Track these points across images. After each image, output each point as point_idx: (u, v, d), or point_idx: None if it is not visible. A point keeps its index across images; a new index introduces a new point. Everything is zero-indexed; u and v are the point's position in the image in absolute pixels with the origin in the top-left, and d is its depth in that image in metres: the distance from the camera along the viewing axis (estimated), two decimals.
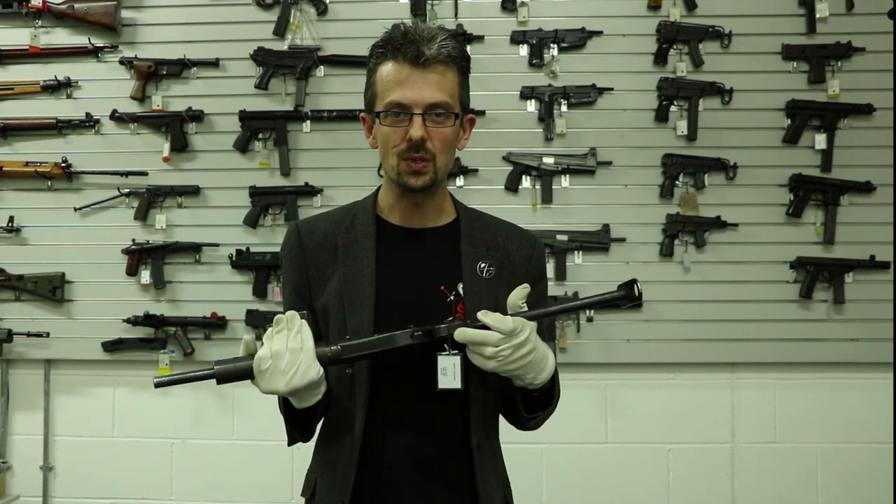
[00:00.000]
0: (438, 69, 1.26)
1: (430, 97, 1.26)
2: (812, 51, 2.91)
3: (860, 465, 2.90)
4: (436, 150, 1.28)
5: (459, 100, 1.31)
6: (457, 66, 1.29)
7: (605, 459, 2.92)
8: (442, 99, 1.26)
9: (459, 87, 1.30)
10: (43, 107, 2.99)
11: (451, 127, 1.29)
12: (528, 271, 1.40)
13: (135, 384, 2.99)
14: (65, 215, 2.98)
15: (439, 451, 1.30)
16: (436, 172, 1.30)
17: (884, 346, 2.85)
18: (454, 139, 1.32)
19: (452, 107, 1.28)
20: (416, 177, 1.29)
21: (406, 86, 1.25)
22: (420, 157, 1.27)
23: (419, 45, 1.25)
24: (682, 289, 2.90)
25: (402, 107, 1.26)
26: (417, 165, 1.28)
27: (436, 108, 1.26)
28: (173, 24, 3.00)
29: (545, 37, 2.94)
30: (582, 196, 2.93)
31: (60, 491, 3.00)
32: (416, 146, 1.26)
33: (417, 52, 1.25)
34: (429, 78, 1.26)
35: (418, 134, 1.25)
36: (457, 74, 1.30)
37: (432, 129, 1.27)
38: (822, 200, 2.90)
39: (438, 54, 1.25)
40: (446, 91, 1.27)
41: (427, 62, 1.25)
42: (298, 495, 2.90)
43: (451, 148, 1.32)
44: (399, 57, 1.26)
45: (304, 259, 1.37)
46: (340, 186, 2.94)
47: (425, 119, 1.26)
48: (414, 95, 1.25)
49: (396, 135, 1.27)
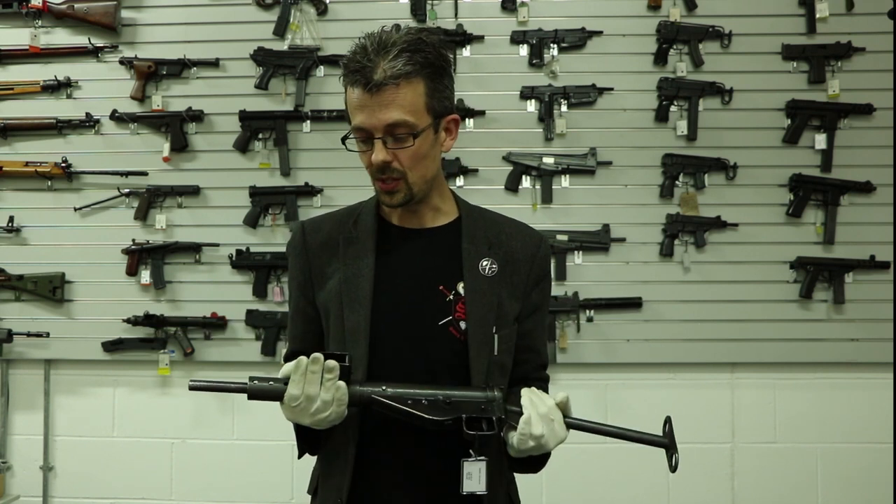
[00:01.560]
0: (390, 90, 1.23)
1: (385, 120, 1.24)
2: (812, 51, 2.91)
3: (860, 465, 2.90)
4: (404, 168, 1.28)
5: (427, 109, 1.27)
6: (420, 76, 1.25)
7: (605, 459, 2.92)
8: (398, 119, 1.24)
9: (426, 96, 1.26)
10: (43, 107, 2.99)
11: (414, 145, 1.26)
12: (531, 269, 1.40)
13: (135, 384, 2.99)
14: (65, 215, 2.98)
15: (442, 446, 1.30)
16: (410, 188, 1.30)
17: (884, 346, 2.85)
18: (426, 150, 1.29)
19: (414, 125, 1.25)
20: (389, 196, 1.31)
21: (364, 111, 1.25)
22: (388, 178, 1.28)
23: (368, 71, 1.22)
24: (682, 289, 2.90)
25: (363, 132, 1.27)
26: (387, 186, 1.29)
27: (394, 128, 1.25)
28: (173, 24, 3.00)
29: (545, 37, 2.94)
30: (582, 196, 2.93)
31: (60, 491, 3.00)
32: (381, 168, 1.27)
33: (366, 79, 1.23)
34: (382, 100, 1.23)
35: (379, 158, 1.26)
36: (421, 83, 1.25)
37: (396, 151, 1.27)
38: (822, 200, 2.90)
39: (389, 76, 1.22)
40: (404, 109, 1.24)
41: (376, 87, 1.22)
42: (298, 495, 2.92)
43: (424, 160, 1.29)
44: (355, 83, 1.25)
45: (307, 258, 1.39)
46: (340, 186, 2.94)
47: (386, 142, 1.26)
48: (371, 121, 1.25)
49: (365, 157, 1.29)
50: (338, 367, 1.20)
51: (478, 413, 1.23)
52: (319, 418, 1.21)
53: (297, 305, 1.41)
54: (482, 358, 1.31)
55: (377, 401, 1.23)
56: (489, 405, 1.24)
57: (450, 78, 1.32)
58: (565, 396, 1.28)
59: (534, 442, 1.22)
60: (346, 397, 1.21)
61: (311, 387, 1.19)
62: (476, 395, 1.25)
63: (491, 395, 1.25)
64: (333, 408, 1.20)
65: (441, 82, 1.29)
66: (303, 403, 1.20)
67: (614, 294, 2.89)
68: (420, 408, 1.23)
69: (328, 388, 1.20)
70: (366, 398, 1.23)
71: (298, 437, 1.34)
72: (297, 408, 1.20)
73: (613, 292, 2.90)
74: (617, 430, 1.31)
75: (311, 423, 1.22)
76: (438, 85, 1.28)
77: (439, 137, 1.32)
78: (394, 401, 1.22)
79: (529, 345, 1.40)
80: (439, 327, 1.32)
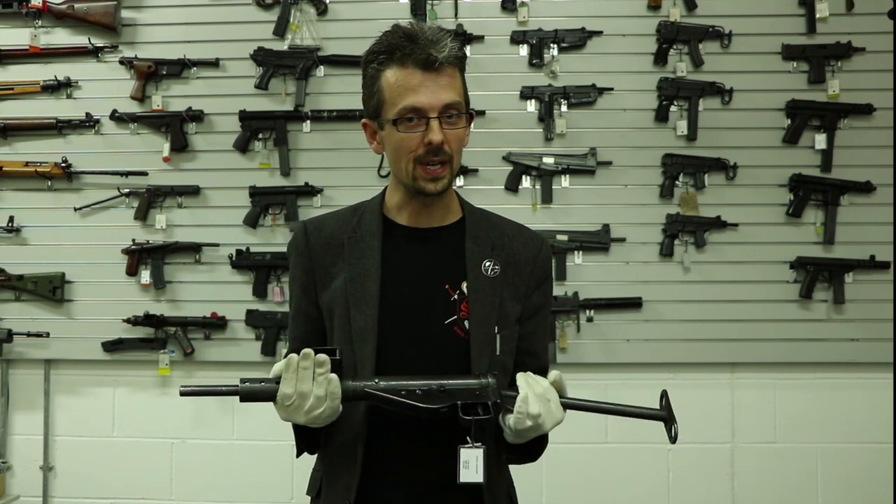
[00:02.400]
0: (448, 71, 1.27)
1: (445, 99, 1.26)
2: (812, 51, 2.91)
3: (860, 465, 2.90)
4: (452, 152, 1.29)
5: (466, 98, 1.32)
6: (460, 66, 1.31)
7: (605, 459, 2.92)
8: (456, 99, 1.28)
9: (463, 85, 1.32)
10: (43, 107, 2.99)
11: (464, 127, 1.31)
12: (533, 272, 1.40)
13: (135, 384, 2.99)
14: (65, 215, 2.98)
15: (442, 447, 1.30)
16: (452, 175, 1.32)
17: (884, 346, 2.85)
18: (464, 137, 1.33)
19: (463, 106, 1.30)
20: (434, 182, 1.30)
21: (420, 91, 1.25)
22: (439, 161, 1.28)
23: (428, 49, 1.25)
24: (682, 289, 2.90)
25: (417, 112, 1.26)
26: (435, 170, 1.29)
27: (449, 109, 1.27)
28: (173, 24, 3.00)
29: (545, 37, 2.94)
30: (582, 196, 2.93)
31: (60, 491, 3.00)
32: (436, 150, 1.27)
33: (428, 57, 1.25)
34: (440, 81, 1.26)
35: (439, 138, 1.26)
36: (460, 74, 1.31)
37: (448, 131, 1.28)
38: (822, 200, 2.90)
39: (448, 57, 1.26)
40: (457, 91, 1.29)
41: (440, 66, 1.25)
42: (298, 495, 2.91)
43: (462, 147, 1.34)
44: (408, 62, 1.25)
45: (310, 257, 1.38)
46: (340, 186, 2.94)
47: (441, 122, 1.27)
48: (429, 100, 1.26)
49: (412, 140, 1.27)
50: (329, 361, 1.19)
51: (473, 399, 1.23)
52: (314, 415, 1.20)
53: (298, 306, 1.40)
54: (484, 357, 1.31)
55: (371, 394, 1.22)
56: (484, 391, 1.24)
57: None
58: (558, 374, 1.28)
59: (531, 421, 1.21)
60: (338, 391, 1.20)
61: (304, 384, 1.19)
62: (470, 382, 1.25)
63: (485, 382, 1.24)
64: (328, 403, 1.20)
65: (464, 77, 1.34)
66: (296, 401, 1.19)
67: (614, 294, 2.89)
68: (414, 397, 1.22)
69: (320, 382, 1.19)
70: (359, 392, 1.22)
71: (297, 435, 1.33)
72: (291, 406, 1.20)
73: (613, 292, 2.90)
74: (614, 407, 1.32)
75: (306, 421, 1.21)
76: (464, 78, 1.34)
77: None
78: (387, 392, 1.22)
79: (528, 347, 1.40)
80: (444, 326, 1.32)
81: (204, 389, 1.25)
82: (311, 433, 1.31)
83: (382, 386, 1.23)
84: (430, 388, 1.23)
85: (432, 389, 1.23)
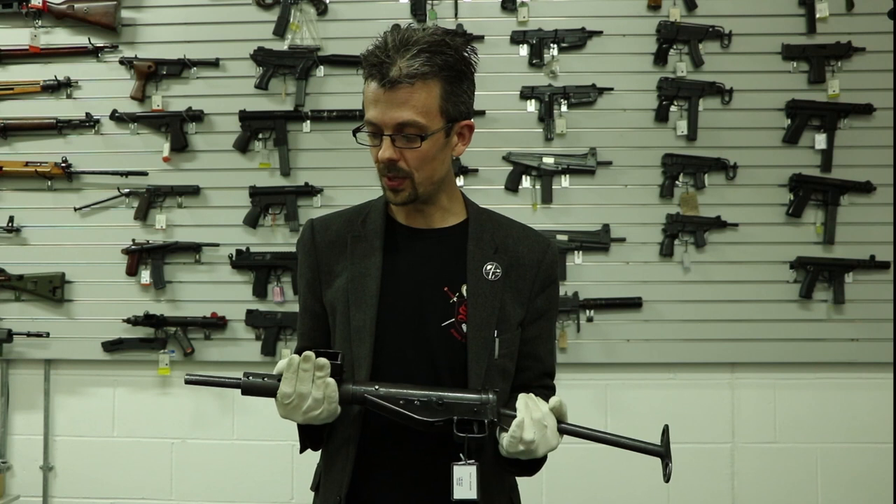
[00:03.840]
0: (404, 89, 1.22)
1: (396, 118, 1.23)
2: (812, 51, 2.91)
3: (860, 465, 2.90)
4: (410, 168, 1.27)
5: (441, 112, 1.26)
6: (437, 78, 1.24)
7: (605, 459, 2.91)
8: (408, 119, 1.23)
9: (441, 99, 1.25)
10: (43, 107, 2.99)
11: (422, 147, 1.25)
12: (537, 275, 1.38)
13: (135, 384, 2.99)
14: (65, 215, 2.98)
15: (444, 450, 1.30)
16: (415, 188, 1.29)
17: (884, 346, 2.85)
18: (435, 153, 1.28)
19: (424, 126, 1.24)
20: (394, 193, 1.30)
21: (377, 106, 1.24)
22: (394, 176, 1.28)
23: (387, 66, 1.22)
24: (682, 289, 2.90)
25: (374, 126, 1.26)
26: (393, 183, 1.29)
27: (404, 128, 1.24)
28: (173, 24, 3.00)
29: (545, 37, 2.94)
30: (582, 196, 2.93)
31: (60, 491, 3.00)
32: (387, 167, 1.27)
33: (383, 74, 1.22)
34: (396, 98, 1.22)
35: (385, 155, 1.25)
36: (438, 86, 1.24)
37: (403, 150, 1.26)
38: (822, 200, 2.90)
39: (404, 74, 1.21)
40: (416, 110, 1.23)
41: (392, 83, 1.22)
42: (298, 495, 2.92)
43: (432, 162, 1.28)
44: (373, 76, 1.24)
45: (316, 256, 1.39)
46: (340, 186, 2.94)
47: (395, 139, 1.25)
48: (381, 117, 1.24)
49: (374, 153, 1.29)
50: (328, 365, 1.20)
51: (470, 415, 1.23)
52: (311, 416, 1.22)
53: (305, 303, 1.42)
54: (481, 361, 1.30)
55: (369, 399, 1.23)
56: (482, 408, 1.23)
57: (470, 83, 1.31)
58: (558, 401, 1.26)
59: (523, 447, 1.21)
60: (335, 395, 1.21)
61: (303, 385, 1.20)
62: (470, 398, 1.24)
63: (485, 398, 1.24)
64: (325, 405, 1.21)
65: (459, 86, 1.28)
66: (295, 401, 1.21)
67: (614, 294, 2.89)
68: (411, 408, 1.22)
69: (319, 385, 1.20)
70: (358, 397, 1.23)
71: (300, 432, 1.34)
72: (290, 405, 1.21)
73: (613, 292, 2.90)
74: (612, 438, 1.30)
75: (304, 420, 1.23)
76: (456, 89, 1.27)
77: (451, 141, 1.31)
78: (385, 400, 1.22)
79: (531, 352, 1.39)
80: (441, 329, 1.32)
81: (208, 379, 1.26)
82: (314, 430, 1.32)
83: (382, 393, 1.23)
84: (428, 400, 1.23)
85: (431, 401, 1.23)
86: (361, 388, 1.24)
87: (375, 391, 1.23)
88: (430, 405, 1.23)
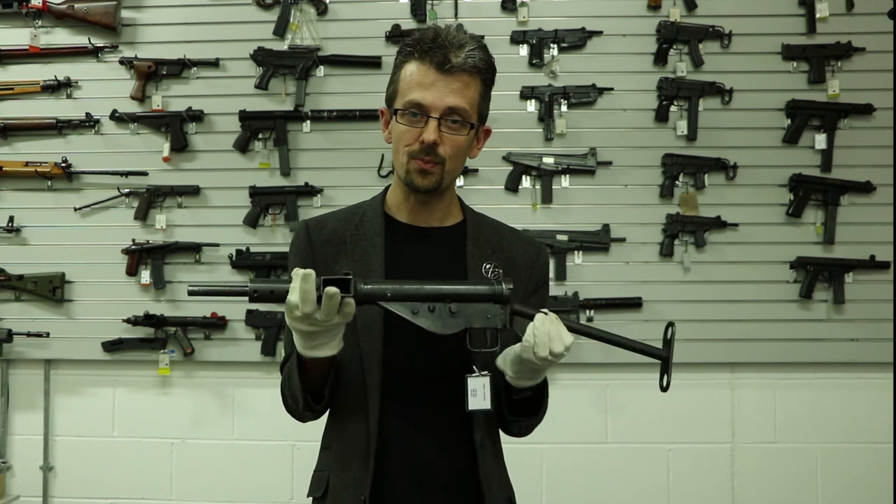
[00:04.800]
0: (462, 78, 1.29)
1: (449, 102, 1.28)
2: (812, 51, 2.91)
3: (860, 465, 2.90)
4: (446, 156, 1.30)
5: (478, 110, 1.33)
6: (481, 78, 1.32)
7: (606, 459, 2.92)
8: (460, 105, 1.29)
9: (480, 97, 1.33)
10: (43, 107, 2.99)
11: (465, 136, 1.31)
12: (531, 277, 1.42)
13: (135, 384, 2.99)
14: (65, 215, 2.98)
15: (442, 448, 1.31)
16: (443, 176, 1.32)
17: (884, 346, 2.85)
18: (466, 147, 1.34)
19: (470, 116, 1.31)
20: (423, 176, 1.31)
21: (428, 88, 1.28)
22: (430, 159, 1.30)
23: (447, 51, 1.27)
24: (682, 289, 2.90)
25: (420, 108, 1.29)
26: (427, 166, 1.30)
27: (453, 114, 1.29)
28: (173, 24, 3.00)
29: (545, 37, 2.94)
30: (582, 196, 2.93)
31: (60, 491, 3.00)
32: (427, 149, 1.29)
33: (444, 58, 1.27)
34: (451, 84, 1.28)
35: (431, 137, 1.28)
36: (480, 85, 1.32)
37: (446, 135, 1.29)
38: (822, 200, 2.90)
39: (464, 63, 1.28)
40: (466, 99, 1.29)
41: (452, 69, 1.27)
42: (298, 496, 2.91)
43: (462, 155, 1.34)
44: (426, 59, 1.28)
45: (312, 254, 1.39)
46: (340, 186, 2.94)
47: (441, 124, 1.28)
48: (433, 99, 1.28)
49: (410, 134, 1.30)
50: (338, 294, 1.15)
51: (482, 322, 1.24)
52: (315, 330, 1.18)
53: None
54: (482, 355, 1.31)
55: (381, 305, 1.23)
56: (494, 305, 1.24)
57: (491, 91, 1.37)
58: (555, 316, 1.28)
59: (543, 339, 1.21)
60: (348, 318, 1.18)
61: (307, 305, 1.15)
62: (482, 290, 1.24)
63: (498, 289, 1.24)
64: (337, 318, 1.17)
65: (488, 91, 1.36)
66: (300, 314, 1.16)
67: (614, 294, 2.89)
68: (424, 318, 1.23)
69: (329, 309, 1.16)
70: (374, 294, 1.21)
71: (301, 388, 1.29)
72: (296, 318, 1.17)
73: (613, 292, 2.90)
74: (615, 338, 1.32)
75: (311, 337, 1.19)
76: (487, 92, 1.35)
77: (474, 141, 1.37)
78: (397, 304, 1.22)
79: None
80: None
81: (213, 289, 1.25)
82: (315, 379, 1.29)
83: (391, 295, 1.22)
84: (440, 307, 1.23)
85: (443, 308, 1.23)
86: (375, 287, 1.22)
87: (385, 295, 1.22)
88: (442, 314, 1.23)
